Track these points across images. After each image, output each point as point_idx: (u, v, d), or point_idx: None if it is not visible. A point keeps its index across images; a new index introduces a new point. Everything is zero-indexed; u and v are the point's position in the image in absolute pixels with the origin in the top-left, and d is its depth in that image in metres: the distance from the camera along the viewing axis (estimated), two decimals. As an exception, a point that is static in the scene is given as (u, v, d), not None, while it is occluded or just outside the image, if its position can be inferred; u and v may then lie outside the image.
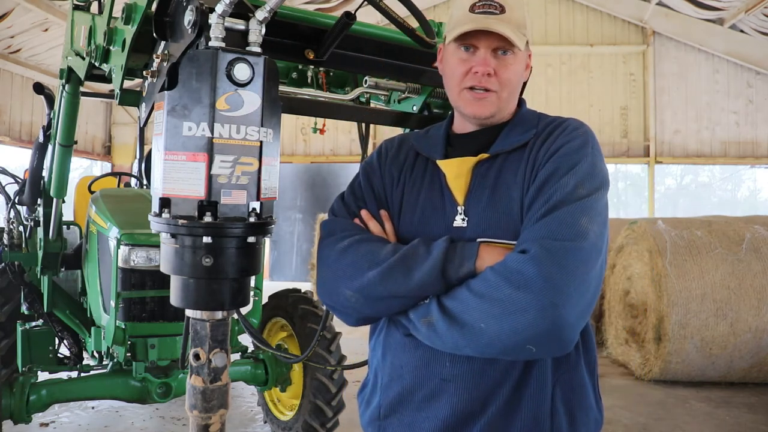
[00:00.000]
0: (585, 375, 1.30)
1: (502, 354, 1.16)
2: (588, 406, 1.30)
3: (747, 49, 11.01)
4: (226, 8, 1.11)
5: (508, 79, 1.30)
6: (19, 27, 8.93)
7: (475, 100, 1.30)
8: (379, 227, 1.36)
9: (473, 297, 1.13)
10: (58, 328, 3.71)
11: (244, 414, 4.51)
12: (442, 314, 1.17)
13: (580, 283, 1.10)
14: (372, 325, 1.44)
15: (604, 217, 1.19)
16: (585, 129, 1.30)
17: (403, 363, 1.32)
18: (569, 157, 1.22)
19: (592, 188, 1.19)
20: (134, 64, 1.46)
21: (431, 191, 1.35)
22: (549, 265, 1.08)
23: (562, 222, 1.13)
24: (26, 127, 10.19)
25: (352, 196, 1.43)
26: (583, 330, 1.29)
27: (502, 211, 1.25)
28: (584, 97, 11.84)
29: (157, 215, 1.18)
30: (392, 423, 1.33)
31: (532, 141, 1.29)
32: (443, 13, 12.22)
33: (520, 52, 1.30)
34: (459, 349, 1.18)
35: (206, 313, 1.20)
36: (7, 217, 4.19)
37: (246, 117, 1.15)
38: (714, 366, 5.29)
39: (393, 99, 2.06)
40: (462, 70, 1.30)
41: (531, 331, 1.09)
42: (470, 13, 1.27)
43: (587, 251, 1.12)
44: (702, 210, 20.78)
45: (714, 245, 5.35)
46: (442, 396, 1.26)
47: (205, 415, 1.19)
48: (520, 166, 1.27)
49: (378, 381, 1.39)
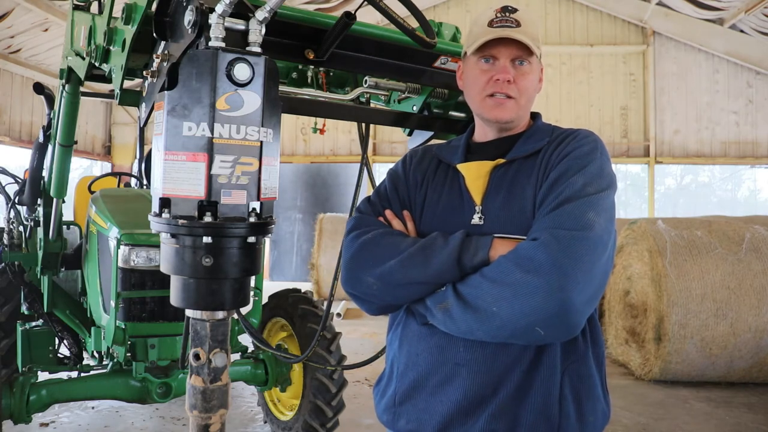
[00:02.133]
0: (593, 366, 1.36)
1: (512, 337, 1.22)
2: (596, 396, 1.35)
3: (747, 49, 11.02)
4: (226, 8, 1.11)
5: (526, 87, 1.41)
6: (19, 27, 8.93)
7: (496, 105, 1.41)
8: (401, 224, 1.46)
9: (486, 282, 1.21)
10: (58, 328, 3.71)
11: (244, 414, 4.51)
12: (457, 299, 1.24)
13: (587, 270, 1.17)
14: (390, 319, 1.53)
15: (611, 214, 1.27)
16: (594, 137, 1.40)
17: (420, 350, 1.39)
18: (579, 159, 1.32)
19: (600, 187, 1.28)
20: (134, 64, 1.46)
21: (451, 193, 1.45)
22: (557, 251, 1.16)
23: (571, 214, 1.22)
24: (26, 127, 10.19)
25: (377, 197, 1.54)
26: (591, 323, 1.36)
27: (517, 209, 1.34)
28: (584, 97, 11.84)
29: (157, 215, 1.18)
30: (407, 409, 1.40)
31: (545, 148, 1.40)
32: (443, 13, 12.22)
33: (536, 63, 1.43)
34: (472, 332, 1.25)
35: (206, 313, 1.20)
36: (7, 217, 4.19)
37: (246, 117, 1.15)
38: (714, 366, 5.29)
39: (393, 99, 2.06)
40: (484, 79, 1.41)
41: (540, 314, 1.16)
42: (489, 27, 1.39)
43: (593, 241, 1.19)
44: (702, 210, 20.79)
45: (714, 245, 5.35)
46: (455, 380, 1.33)
47: (205, 415, 1.19)
48: (534, 169, 1.37)
49: (394, 371, 1.46)
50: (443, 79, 1.78)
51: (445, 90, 1.95)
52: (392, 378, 1.46)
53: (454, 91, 1.95)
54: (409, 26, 1.42)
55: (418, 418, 1.38)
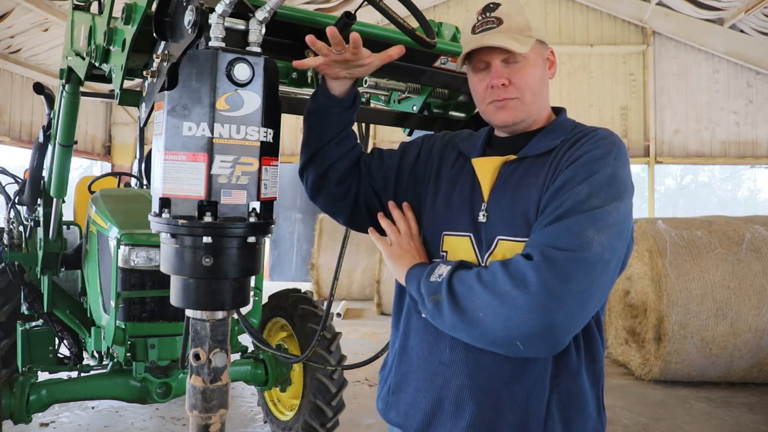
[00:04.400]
0: (586, 383, 1.30)
1: (491, 345, 1.19)
2: (586, 415, 1.30)
3: (747, 49, 11.01)
4: (226, 8, 1.11)
5: (525, 84, 1.35)
6: (19, 27, 8.93)
7: (497, 109, 1.37)
8: (400, 215, 1.46)
9: (479, 285, 1.18)
10: (58, 328, 3.71)
11: (244, 414, 4.51)
12: (449, 296, 1.21)
13: (578, 293, 1.12)
14: (394, 309, 1.52)
15: (617, 229, 1.19)
16: (612, 139, 1.31)
17: (413, 344, 1.41)
18: (589, 165, 1.23)
19: (607, 199, 1.19)
20: (134, 64, 1.46)
21: (464, 187, 1.41)
22: (547, 272, 1.12)
23: (568, 231, 1.15)
24: (26, 127, 10.19)
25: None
26: (589, 336, 1.31)
27: (520, 212, 1.28)
28: (584, 97, 11.84)
29: (157, 215, 1.18)
30: (397, 401, 1.42)
31: (559, 146, 1.33)
32: (443, 13, 12.22)
33: (533, 54, 1.35)
34: (455, 331, 1.23)
35: (206, 313, 1.20)
36: (7, 217, 4.19)
37: (246, 117, 1.15)
38: (714, 366, 5.29)
39: (393, 99, 2.06)
40: (482, 87, 1.38)
41: (521, 330, 1.12)
42: (472, 34, 1.35)
43: (590, 262, 1.13)
44: (702, 210, 20.78)
45: (714, 245, 5.35)
46: (437, 379, 1.33)
47: (205, 415, 1.19)
48: (543, 170, 1.30)
49: (393, 360, 1.47)
50: (443, 79, 1.77)
51: (445, 90, 1.95)
52: (392, 367, 1.47)
53: (454, 91, 1.95)
54: (409, 26, 1.42)
55: (405, 413, 1.38)
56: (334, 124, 1.47)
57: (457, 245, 1.35)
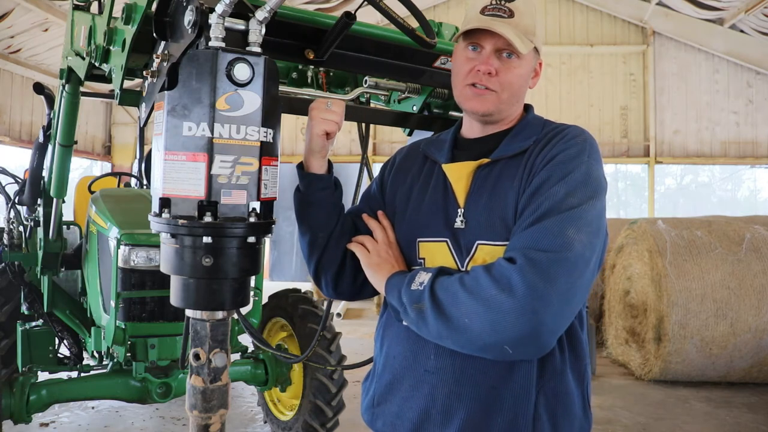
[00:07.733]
0: (571, 383, 1.31)
1: (480, 351, 1.19)
2: (573, 414, 1.31)
3: (747, 49, 11.01)
4: (226, 8, 1.11)
5: (510, 82, 1.34)
6: (19, 27, 8.93)
7: (474, 95, 1.35)
8: (377, 225, 1.46)
9: (463, 291, 1.17)
10: (58, 328, 3.71)
11: (244, 414, 4.51)
12: (433, 303, 1.20)
13: (563, 293, 1.12)
14: (379, 317, 1.51)
15: (595, 226, 1.20)
16: (585, 137, 1.32)
17: (396, 353, 1.38)
18: (563, 165, 1.24)
19: (584, 197, 1.20)
20: (134, 64, 1.46)
21: (436, 193, 1.40)
22: (532, 274, 1.11)
23: (549, 232, 1.16)
24: (26, 127, 10.18)
25: (364, 196, 1.62)
26: (572, 336, 1.31)
27: (498, 215, 1.28)
28: (584, 97, 11.83)
29: (157, 215, 1.18)
30: (383, 411, 1.39)
31: (531, 147, 1.32)
32: (443, 13, 12.22)
33: (527, 57, 1.35)
34: (441, 339, 1.21)
35: (206, 313, 1.20)
36: (7, 217, 4.19)
37: (246, 117, 1.15)
38: (714, 366, 5.29)
39: (393, 99, 2.06)
40: (467, 67, 1.35)
41: (510, 334, 1.12)
42: (480, 14, 1.33)
43: (571, 261, 1.14)
44: (702, 210, 20.77)
45: (714, 245, 5.35)
46: (423, 387, 1.32)
47: (205, 415, 1.19)
48: (518, 171, 1.30)
49: (376, 369, 1.45)
50: (443, 79, 1.77)
51: (445, 90, 1.95)
52: (375, 377, 1.45)
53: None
54: (409, 26, 1.42)
55: (392, 422, 1.36)
56: (331, 205, 1.47)
57: (435, 251, 1.35)
